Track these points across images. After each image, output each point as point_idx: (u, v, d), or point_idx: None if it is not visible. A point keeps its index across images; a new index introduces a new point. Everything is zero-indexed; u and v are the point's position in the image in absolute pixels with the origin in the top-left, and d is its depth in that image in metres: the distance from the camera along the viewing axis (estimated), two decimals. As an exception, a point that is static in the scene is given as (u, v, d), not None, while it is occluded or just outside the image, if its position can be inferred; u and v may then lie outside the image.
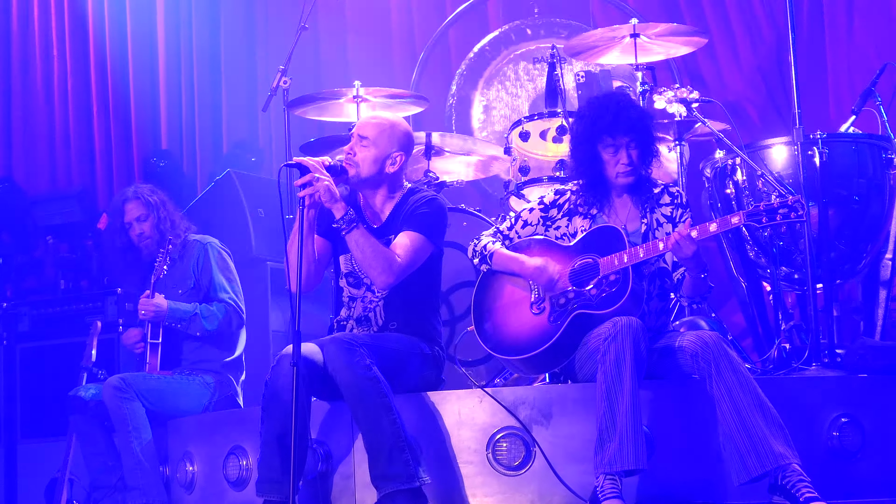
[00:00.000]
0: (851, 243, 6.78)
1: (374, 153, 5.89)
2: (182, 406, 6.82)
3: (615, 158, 5.63)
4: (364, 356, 5.49)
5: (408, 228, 5.84)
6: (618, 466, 5.15)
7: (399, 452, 5.43)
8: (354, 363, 5.48)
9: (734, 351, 5.38)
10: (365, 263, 5.76)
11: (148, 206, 7.17)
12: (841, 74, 8.98)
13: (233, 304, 7.04)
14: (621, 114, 5.60)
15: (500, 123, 9.66)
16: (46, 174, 11.04)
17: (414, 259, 5.82)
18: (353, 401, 5.53)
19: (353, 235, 5.71)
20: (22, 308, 8.77)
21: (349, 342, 5.54)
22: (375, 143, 5.90)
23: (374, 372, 5.49)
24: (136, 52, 11.03)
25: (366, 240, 5.71)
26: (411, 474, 5.43)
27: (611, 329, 5.26)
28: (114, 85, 11.04)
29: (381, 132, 5.92)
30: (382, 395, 5.48)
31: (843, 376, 6.09)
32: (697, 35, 7.51)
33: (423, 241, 5.85)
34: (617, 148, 5.62)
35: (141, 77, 11.01)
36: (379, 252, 5.72)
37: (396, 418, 5.47)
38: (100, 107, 11.05)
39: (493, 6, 10.08)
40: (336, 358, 5.51)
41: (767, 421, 5.17)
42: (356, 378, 5.47)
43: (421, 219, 5.88)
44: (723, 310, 8.16)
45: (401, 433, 5.46)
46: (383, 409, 5.47)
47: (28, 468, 8.43)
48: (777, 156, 6.75)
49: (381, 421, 5.46)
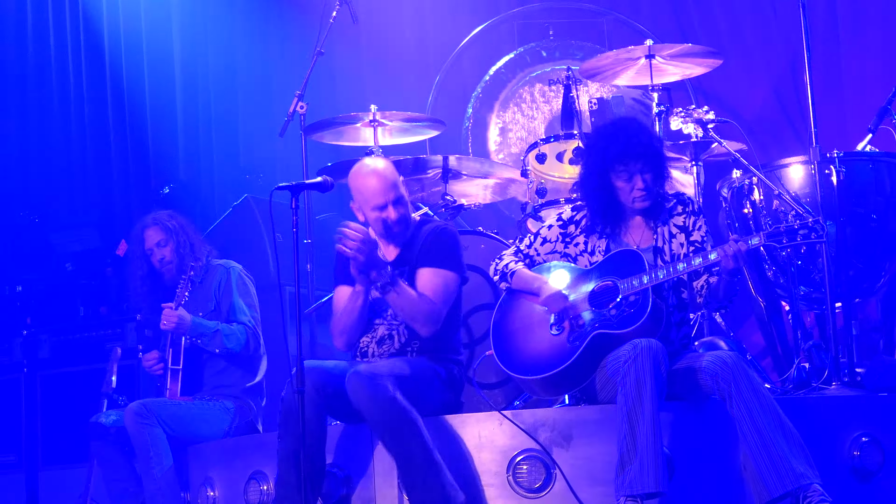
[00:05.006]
0: (870, 261, 6.78)
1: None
2: (202, 431, 6.83)
3: (629, 185, 5.63)
4: (387, 387, 5.51)
5: (430, 265, 5.90)
6: (639, 489, 5.15)
7: (434, 477, 5.48)
8: (379, 395, 5.50)
9: (754, 371, 5.40)
10: (407, 318, 5.85)
11: (167, 231, 7.20)
12: (857, 93, 8.98)
13: (251, 328, 7.06)
14: (632, 140, 5.60)
15: (516, 146, 9.67)
16: (65, 201, 11.06)
17: (449, 298, 5.93)
18: (381, 432, 5.57)
19: (391, 296, 5.78)
20: (42, 335, 8.80)
21: (371, 374, 5.55)
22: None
23: (399, 400, 5.51)
24: (152, 78, 11.06)
25: (406, 297, 5.78)
26: (446, 497, 5.47)
27: (631, 351, 5.26)
28: (130, 110, 11.06)
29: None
30: (411, 422, 5.51)
31: (863, 395, 6.09)
32: (712, 56, 7.51)
33: (453, 278, 5.93)
34: (631, 175, 5.62)
35: (158, 102, 11.04)
36: (418, 305, 5.80)
37: (427, 442, 5.50)
38: (117, 132, 11.07)
39: (507, 29, 10.09)
40: (360, 391, 5.53)
41: (788, 441, 5.16)
42: (381, 409, 5.49)
43: (442, 254, 5.94)
44: (742, 329, 8.15)
45: (433, 457, 5.49)
46: (412, 436, 5.50)
47: (49, 496, 8.44)
48: (794, 175, 6.76)
49: (412, 448, 5.50)
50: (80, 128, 11.16)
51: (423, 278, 5.88)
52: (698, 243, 5.69)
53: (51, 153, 11.16)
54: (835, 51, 9.12)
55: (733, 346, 6.66)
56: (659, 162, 5.68)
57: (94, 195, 11.04)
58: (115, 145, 11.05)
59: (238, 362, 7.07)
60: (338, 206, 9.94)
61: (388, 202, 5.93)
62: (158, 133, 10.99)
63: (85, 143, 11.13)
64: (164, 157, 10.97)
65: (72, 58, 11.23)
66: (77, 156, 11.12)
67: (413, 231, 6.05)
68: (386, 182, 5.94)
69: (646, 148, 5.62)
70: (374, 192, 5.95)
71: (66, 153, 11.14)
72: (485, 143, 9.85)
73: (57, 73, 11.23)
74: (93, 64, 11.21)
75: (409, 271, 5.92)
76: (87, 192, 11.07)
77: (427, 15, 10.43)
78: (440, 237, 5.97)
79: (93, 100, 11.15)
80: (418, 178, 7.49)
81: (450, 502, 5.46)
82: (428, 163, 7.51)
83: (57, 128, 11.17)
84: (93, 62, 11.21)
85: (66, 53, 11.24)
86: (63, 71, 11.24)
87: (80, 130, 11.16)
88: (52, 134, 11.18)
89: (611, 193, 5.68)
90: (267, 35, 10.89)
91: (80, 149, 11.13)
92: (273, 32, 10.87)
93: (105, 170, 11.09)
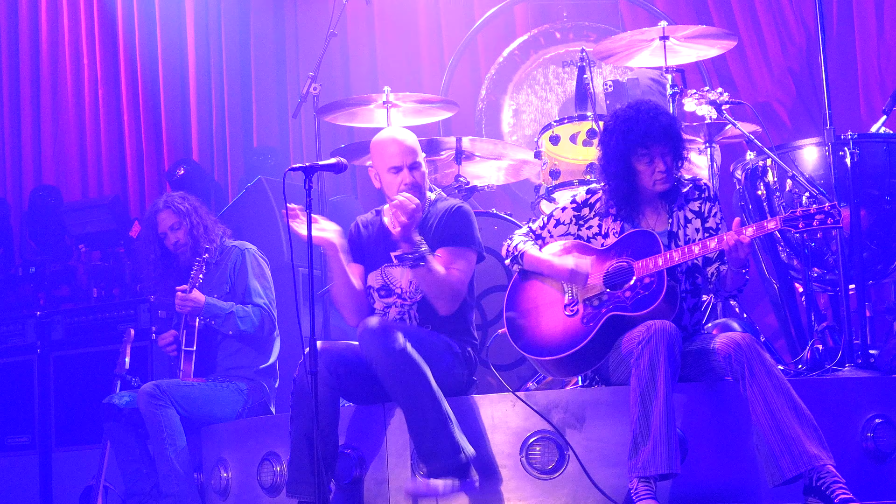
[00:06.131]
0: (884, 243, 6.77)
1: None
2: (216, 413, 6.84)
3: (651, 168, 5.63)
4: (398, 339, 5.54)
5: (450, 244, 5.92)
6: (652, 470, 5.16)
7: (442, 428, 5.51)
8: (391, 345, 5.53)
9: (767, 352, 5.38)
10: (432, 294, 5.86)
11: (179, 214, 7.19)
12: (871, 74, 8.97)
13: (266, 310, 7.07)
14: (653, 123, 5.59)
15: (529, 127, 9.67)
16: (78, 183, 11.09)
17: (469, 276, 5.95)
18: (391, 382, 5.59)
19: (421, 271, 5.78)
20: (56, 316, 8.82)
21: (384, 326, 5.61)
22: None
23: (409, 351, 5.54)
24: (166, 60, 11.08)
25: (434, 273, 5.80)
26: (456, 448, 5.50)
27: (645, 333, 5.27)
28: (144, 93, 11.09)
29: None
30: (420, 372, 5.54)
31: (877, 377, 6.09)
32: (727, 37, 7.49)
33: (471, 256, 5.96)
34: (652, 157, 5.61)
35: (171, 85, 11.06)
36: (446, 283, 5.82)
37: (436, 395, 5.54)
38: (130, 115, 11.10)
39: (521, 10, 10.08)
40: (372, 342, 5.57)
41: (801, 422, 5.17)
42: (393, 359, 5.53)
43: (460, 232, 5.96)
44: (755, 311, 8.15)
45: (442, 409, 5.53)
46: (423, 388, 5.54)
47: (63, 476, 8.46)
48: (808, 157, 6.75)
49: (422, 399, 5.53)
50: (93, 109, 11.18)
51: (445, 257, 5.89)
52: (713, 230, 5.68)
53: (64, 135, 11.19)
54: (849, 33, 9.09)
55: (747, 327, 6.66)
56: (679, 143, 5.67)
57: (108, 177, 11.07)
58: (128, 127, 11.08)
59: (252, 344, 7.08)
60: (351, 187, 9.97)
61: (404, 165, 5.94)
62: (172, 114, 11.02)
63: (98, 124, 11.16)
64: (178, 138, 10.99)
65: (86, 40, 11.25)
66: (91, 138, 11.15)
67: (428, 209, 6.06)
68: (404, 145, 5.97)
69: (667, 129, 5.61)
70: (392, 153, 5.97)
71: (79, 135, 11.17)
72: (498, 124, 9.85)
73: (71, 54, 11.26)
74: (106, 46, 11.24)
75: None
76: (100, 173, 11.10)
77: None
78: (456, 215, 5.99)
79: (106, 81, 11.18)
80: (431, 159, 7.49)
81: (459, 454, 5.49)
82: (441, 144, 7.52)
83: (69, 109, 11.20)
84: (106, 44, 11.24)
85: (79, 36, 11.26)
86: (76, 52, 11.26)
87: (93, 112, 11.18)
88: (65, 116, 11.21)
89: (631, 177, 5.67)
90: (280, 16, 10.89)
91: (94, 130, 11.16)
92: (286, 13, 10.87)
93: (118, 151, 11.11)
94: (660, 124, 5.61)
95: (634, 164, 5.65)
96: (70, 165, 11.16)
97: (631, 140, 5.61)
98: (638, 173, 5.66)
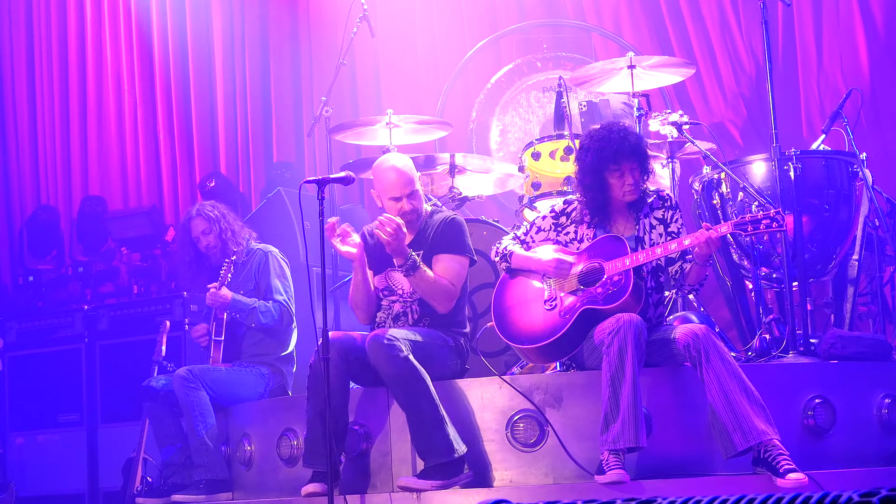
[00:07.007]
0: (822, 246, 6.78)
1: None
2: (241, 394, 6.84)
3: (621, 181, 5.66)
4: (402, 349, 5.56)
5: (445, 252, 5.94)
6: (621, 444, 5.19)
7: (438, 429, 5.53)
8: (393, 355, 5.55)
9: (721, 341, 5.41)
10: (427, 297, 5.90)
11: (209, 220, 7.20)
12: (812, 99, 9.00)
13: (285, 305, 7.08)
14: (623, 142, 5.62)
15: (514, 145, 9.67)
16: (120, 194, 11.09)
17: (461, 280, 5.99)
18: (394, 387, 5.63)
19: (414, 278, 5.82)
20: (101, 310, 8.83)
21: (388, 338, 5.61)
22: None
23: (411, 360, 5.57)
24: (196, 85, 11.08)
25: (425, 279, 5.83)
26: (450, 447, 5.52)
27: (614, 324, 5.29)
28: (178, 114, 11.08)
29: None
30: (420, 379, 5.57)
31: (817, 362, 6.10)
32: (686, 66, 7.50)
33: (464, 261, 5.99)
34: (622, 172, 5.64)
35: (201, 107, 11.06)
36: (437, 286, 5.86)
37: (434, 399, 5.57)
38: (166, 134, 11.10)
39: (506, 42, 10.09)
40: (378, 351, 5.60)
41: (751, 402, 5.20)
42: (396, 368, 5.56)
43: (454, 241, 5.99)
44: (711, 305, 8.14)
45: (438, 411, 5.56)
46: (422, 392, 5.57)
47: (108, 448, 8.47)
48: (757, 170, 6.76)
49: (421, 403, 5.56)
50: (133, 129, 11.19)
51: (441, 263, 5.93)
52: (674, 234, 5.71)
53: (108, 151, 11.20)
54: (793, 62, 9.12)
55: (703, 319, 6.67)
56: (645, 160, 5.70)
57: (146, 188, 11.08)
58: (164, 144, 11.08)
59: (272, 334, 7.08)
60: (358, 197, 9.99)
61: (403, 195, 5.97)
62: (202, 132, 11.02)
63: (137, 142, 11.16)
64: (207, 153, 11.00)
65: (126, 66, 11.26)
66: (131, 154, 11.15)
67: (425, 220, 6.08)
68: (403, 178, 5.98)
69: (635, 148, 5.64)
70: (391, 185, 5.99)
71: (121, 151, 11.18)
72: (487, 142, 9.86)
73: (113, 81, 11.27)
74: (144, 71, 11.24)
75: (422, 255, 5.94)
76: (139, 185, 11.11)
77: (437, 31, 10.44)
78: (451, 226, 6.02)
79: (145, 104, 11.18)
80: (428, 172, 7.51)
81: (453, 452, 5.52)
82: (437, 159, 7.54)
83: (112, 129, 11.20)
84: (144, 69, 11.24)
85: (120, 62, 11.27)
86: (118, 78, 11.27)
87: (133, 131, 11.19)
88: (108, 134, 11.21)
89: (604, 189, 5.70)
90: (296, 45, 10.90)
91: (134, 147, 11.16)
92: (301, 43, 10.88)
93: (155, 166, 11.12)
94: (629, 143, 5.64)
95: (607, 178, 5.67)
96: (113, 178, 11.16)
97: (604, 157, 5.64)
98: (610, 186, 5.69)
